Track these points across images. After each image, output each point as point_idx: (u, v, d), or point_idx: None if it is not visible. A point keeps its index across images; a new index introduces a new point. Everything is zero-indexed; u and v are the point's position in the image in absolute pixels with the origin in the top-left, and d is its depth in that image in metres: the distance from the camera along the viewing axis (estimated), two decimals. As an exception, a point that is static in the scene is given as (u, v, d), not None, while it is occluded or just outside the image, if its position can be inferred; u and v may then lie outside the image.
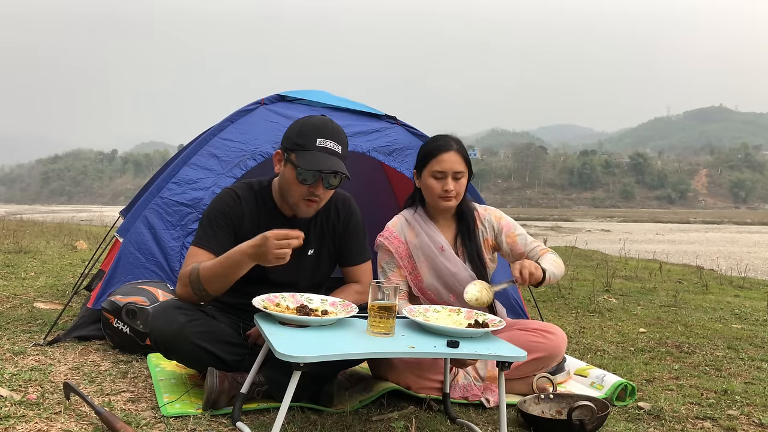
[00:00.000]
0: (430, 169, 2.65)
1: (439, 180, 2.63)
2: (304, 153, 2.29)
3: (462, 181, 2.67)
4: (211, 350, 2.29)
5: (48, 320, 3.54)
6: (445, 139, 2.70)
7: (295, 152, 2.31)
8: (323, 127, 2.33)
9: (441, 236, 2.71)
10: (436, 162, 2.63)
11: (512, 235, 2.74)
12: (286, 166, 2.35)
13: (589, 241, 19.17)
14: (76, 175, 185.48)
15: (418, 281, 2.70)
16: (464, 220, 2.75)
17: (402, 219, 2.76)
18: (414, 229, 2.72)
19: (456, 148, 2.66)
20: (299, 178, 2.31)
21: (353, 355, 1.90)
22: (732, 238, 25.74)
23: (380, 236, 2.73)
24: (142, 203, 3.45)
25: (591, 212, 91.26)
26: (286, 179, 2.36)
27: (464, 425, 2.27)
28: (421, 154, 2.71)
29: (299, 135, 2.32)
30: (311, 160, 2.28)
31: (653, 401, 2.68)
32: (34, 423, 2.01)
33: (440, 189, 2.63)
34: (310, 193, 2.34)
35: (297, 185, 2.33)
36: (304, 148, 2.30)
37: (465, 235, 2.73)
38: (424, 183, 2.68)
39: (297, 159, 2.30)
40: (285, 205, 2.46)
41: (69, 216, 27.42)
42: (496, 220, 2.78)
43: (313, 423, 2.18)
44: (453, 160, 2.63)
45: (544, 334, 2.63)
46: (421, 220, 2.73)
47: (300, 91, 3.97)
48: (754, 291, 7.18)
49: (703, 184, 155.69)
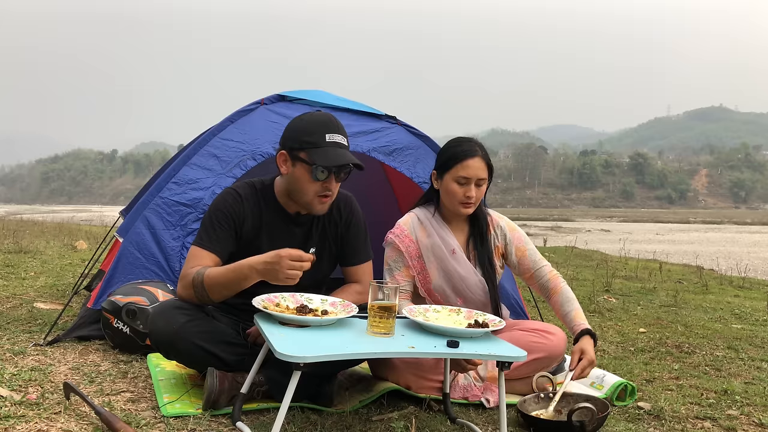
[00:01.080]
0: (454, 174, 2.60)
1: (462, 186, 2.59)
2: (317, 150, 2.29)
3: (483, 188, 2.64)
4: (211, 350, 2.29)
5: (48, 320, 3.54)
6: (470, 144, 2.64)
7: (305, 150, 2.30)
8: (329, 123, 2.34)
9: (453, 239, 2.69)
10: (462, 167, 2.58)
11: (522, 248, 2.74)
12: (296, 166, 2.33)
13: (589, 241, 19.17)
14: (76, 175, 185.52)
15: (427, 282, 2.68)
16: (477, 224, 2.73)
17: (414, 218, 2.72)
18: (426, 230, 2.69)
19: (481, 155, 2.61)
20: (314, 175, 2.30)
21: (353, 355, 1.90)
22: (732, 238, 25.73)
23: (391, 233, 2.69)
24: (142, 203, 3.45)
25: (591, 212, 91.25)
26: (298, 178, 2.34)
27: (464, 425, 2.27)
28: (445, 157, 2.64)
29: (306, 133, 2.31)
30: (326, 156, 2.28)
31: (653, 401, 2.68)
32: (34, 423, 2.01)
33: (462, 195, 2.59)
34: (324, 188, 2.34)
35: (311, 183, 2.32)
36: (314, 145, 2.29)
37: (477, 240, 2.71)
38: (446, 187, 2.63)
39: (310, 157, 2.29)
40: (289, 204, 2.46)
41: (69, 216, 27.43)
42: (510, 230, 2.77)
43: (313, 423, 2.18)
44: (478, 167, 2.59)
45: (544, 334, 2.63)
46: (435, 221, 2.70)
47: (300, 91, 3.97)
48: (754, 291, 7.18)
49: (703, 184, 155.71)
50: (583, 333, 2.50)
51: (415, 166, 3.91)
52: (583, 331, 2.51)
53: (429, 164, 3.89)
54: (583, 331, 2.51)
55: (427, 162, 3.92)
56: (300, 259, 2.06)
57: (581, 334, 2.50)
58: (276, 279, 2.10)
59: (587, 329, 2.51)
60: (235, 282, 2.20)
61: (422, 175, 3.86)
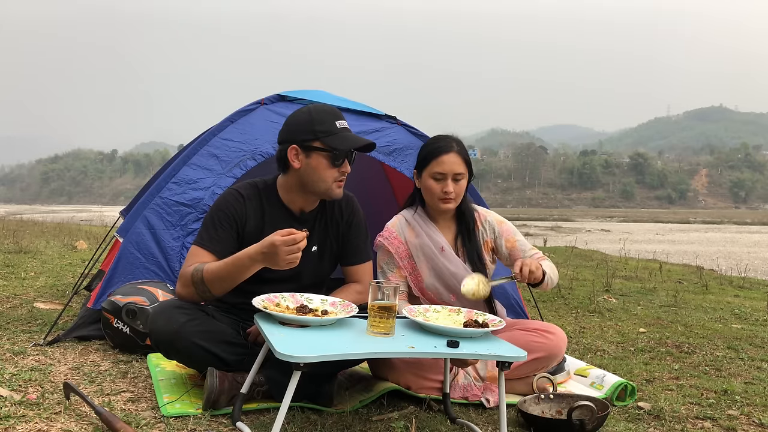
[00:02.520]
0: (430, 170, 2.64)
1: (438, 181, 2.63)
2: (332, 137, 2.36)
3: (462, 183, 2.66)
4: (211, 350, 2.29)
5: (48, 320, 3.54)
6: (446, 140, 2.69)
7: (319, 140, 2.36)
8: (334, 111, 2.44)
9: (441, 236, 2.71)
10: (437, 163, 2.62)
11: (512, 240, 2.74)
12: (312, 156, 2.37)
13: (589, 241, 19.17)
14: (76, 175, 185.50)
15: (419, 281, 2.70)
16: (464, 221, 2.74)
17: (402, 219, 2.76)
18: (414, 230, 2.72)
19: (456, 150, 2.65)
20: (334, 161, 2.36)
21: (353, 355, 1.90)
22: (732, 238, 25.73)
23: (380, 236, 2.73)
24: (142, 203, 3.45)
25: (591, 212, 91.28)
26: (315, 168, 2.38)
27: (464, 425, 2.27)
28: (422, 155, 2.70)
29: (317, 123, 2.37)
30: (344, 141, 2.38)
31: (653, 401, 2.68)
32: (34, 423, 2.01)
33: (440, 191, 2.63)
34: (341, 173, 2.41)
35: (330, 170, 2.38)
36: (328, 133, 2.36)
37: (465, 236, 2.73)
38: (424, 184, 2.68)
39: (327, 144, 2.35)
40: (294, 201, 2.47)
41: (69, 216, 27.42)
42: (497, 224, 2.78)
43: (313, 423, 2.18)
44: (453, 162, 2.62)
45: (544, 334, 2.63)
46: (421, 221, 2.73)
47: (300, 91, 3.97)
48: (754, 291, 7.18)
49: (703, 184, 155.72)
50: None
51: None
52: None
53: (429, 164, 3.88)
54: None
55: (427, 162, 3.91)
56: (294, 242, 2.08)
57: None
58: (277, 265, 2.13)
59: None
60: (235, 274, 2.21)
61: (422, 175, 3.86)
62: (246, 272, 2.21)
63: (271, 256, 2.11)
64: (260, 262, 2.16)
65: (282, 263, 2.11)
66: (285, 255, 2.08)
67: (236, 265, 2.20)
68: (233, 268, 2.21)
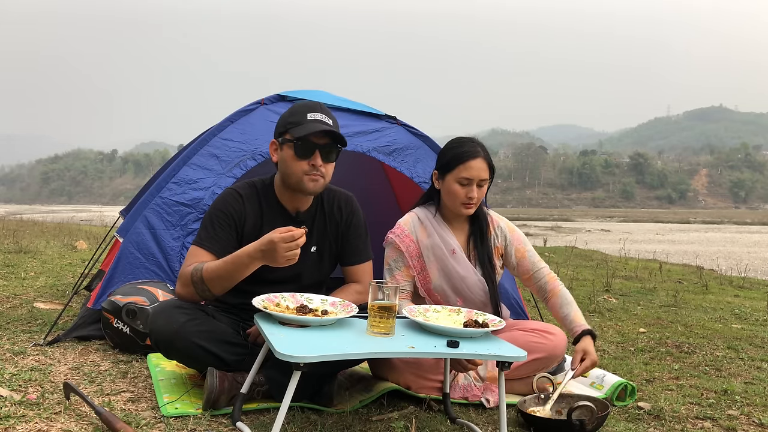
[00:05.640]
0: (456, 175, 2.60)
1: (464, 187, 2.59)
2: (298, 127, 2.34)
3: (484, 188, 2.65)
4: (211, 350, 2.29)
5: (48, 320, 3.54)
6: (473, 145, 2.64)
7: (288, 132, 2.36)
8: (313, 105, 2.41)
9: (453, 239, 2.69)
10: (464, 168, 2.58)
11: (522, 250, 2.75)
12: (283, 148, 2.38)
13: (589, 241, 19.17)
14: (76, 175, 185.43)
15: (427, 282, 2.68)
16: (478, 224, 2.73)
17: (415, 217, 2.72)
18: (426, 229, 2.69)
19: (483, 155, 2.62)
20: (297, 152, 2.33)
21: (353, 355, 1.90)
22: (732, 238, 25.73)
23: (391, 233, 2.69)
24: (142, 203, 3.45)
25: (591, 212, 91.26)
26: (285, 160, 2.37)
27: (464, 425, 2.27)
28: (446, 158, 2.64)
29: (290, 115, 2.39)
30: (303, 129, 2.32)
31: (653, 401, 2.68)
32: (34, 423, 2.01)
33: (464, 196, 2.60)
34: (312, 167, 2.35)
35: (296, 161, 2.34)
36: (296, 124, 2.35)
37: (477, 239, 2.72)
38: (448, 187, 2.63)
39: (292, 134, 2.34)
40: (289, 200, 2.47)
41: (69, 216, 27.43)
42: (509, 231, 2.78)
43: (313, 423, 2.18)
44: (480, 168, 2.60)
45: (544, 334, 2.63)
46: (435, 221, 2.70)
47: (300, 91, 3.97)
48: (754, 291, 7.18)
49: (703, 184, 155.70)
50: (585, 333, 2.51)
51: (415, 166, 3.91)
52: (584, 332, 2.52)
53: (429, 164, 3.89)
54: (584, 331, 2.52)
55: (427, 162, 3.92)
56: (293, 239, 2.08)
57: (582, 335, 2.51)
58: (276, 263, 2.12)
59: (588, 329, 2.52)
60: (235, 272, 2.21)
61: (422, 175, 3.86)
62: (245, 270, 2.21)
63: (270, 254, 2.11)
64: (259, 259, 2.16)
65: (281, 260, 2.10)
66: (284, 252, 2.08)
67: (235, 264, 2.20)
68: (232, 266, 2.21)
